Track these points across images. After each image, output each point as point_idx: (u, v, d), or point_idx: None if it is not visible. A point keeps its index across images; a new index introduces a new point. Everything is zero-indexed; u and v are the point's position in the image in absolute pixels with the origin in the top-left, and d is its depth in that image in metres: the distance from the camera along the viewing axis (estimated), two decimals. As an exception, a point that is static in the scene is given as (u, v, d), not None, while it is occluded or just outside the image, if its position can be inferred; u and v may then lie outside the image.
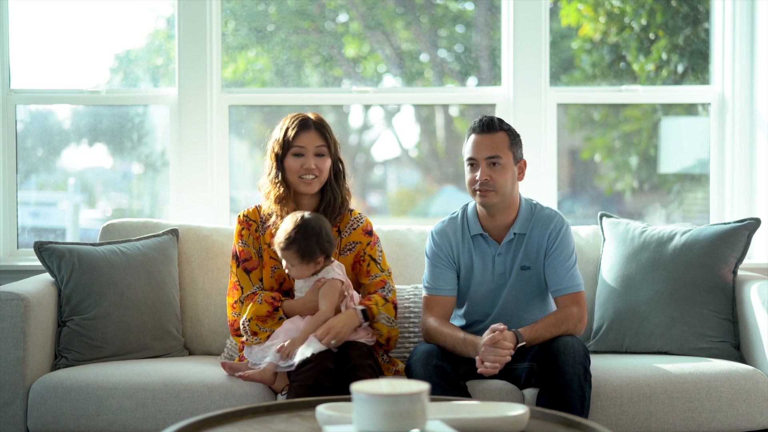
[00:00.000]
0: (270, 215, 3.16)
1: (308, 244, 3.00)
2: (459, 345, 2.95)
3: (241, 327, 3.08)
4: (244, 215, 3.22)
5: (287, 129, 3.15)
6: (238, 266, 3.16)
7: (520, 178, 3.10)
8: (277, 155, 3.15)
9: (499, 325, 2.87)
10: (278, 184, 3.14)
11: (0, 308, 3.02)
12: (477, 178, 3.02)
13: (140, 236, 3.53)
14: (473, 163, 3.05)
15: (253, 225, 3.18)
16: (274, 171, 3.16)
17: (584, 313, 3.04)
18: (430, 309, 3.11)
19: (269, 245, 3.14)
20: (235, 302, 3.13)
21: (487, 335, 2.87)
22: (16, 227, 4.18)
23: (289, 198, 3.14)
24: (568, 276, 3.06)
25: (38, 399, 2.99)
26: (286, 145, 3.13)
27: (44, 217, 4.48)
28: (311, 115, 3.19)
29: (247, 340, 3.06)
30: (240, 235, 3.18)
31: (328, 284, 3.03)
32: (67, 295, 3.26)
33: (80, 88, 4.18)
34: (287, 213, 3.11)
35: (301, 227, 3.00)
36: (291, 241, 3.00)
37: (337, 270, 3.07)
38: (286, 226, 3.03)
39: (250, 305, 3.07)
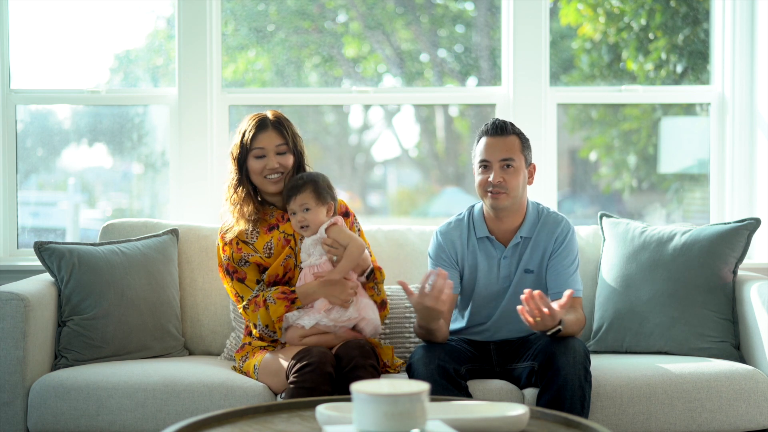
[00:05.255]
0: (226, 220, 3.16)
1: (319, 182, 3.06)
2: (418, 316, 2.90)
3: (261, 333, 3.12)
4: (222, 233, 3.19)
5: (245, 132, 3.13)
6: (231, 279, 3.15)
7: (530, 182, 3.11)
8: (237, 159, 3.13)
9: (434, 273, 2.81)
10: (236, 187, 3.13)
11: (0, 308, 3.02)
12: (490, 179, 3.01)
13: (140, 236, 3.53)
14: (486, 164, 3.04)
15: (234, 240, 3.15)
16: (234, 175, 3.14)
17: (584, 318, 3.05)
18: (426, 307, 3.11)
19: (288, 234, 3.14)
20: (243, 308, 3.15)
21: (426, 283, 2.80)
22: (16, 227, 4.18)
23: (247, 201, 3.12)
24: (569, 280, 3.06)
25: (38, 399, 2.99)
26: (245, 148, 3.12)
27: (44, 217, 4.48)
28: (270, 114, 3.17)
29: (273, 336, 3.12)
30: (223, 250, 3.17)
31: (333, 231, 3.05)
32: (67, 295, 3.26)
33: (80, 88, 4.18)
34: (244, 216, 3.10)
35: (305, 173, 3.09)
36: (304, 181, 3.05)
37: (332, 219, 3.10)
38: (289, 181, 3.09)
39: (260, 311, 3.07)
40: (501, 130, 3.03)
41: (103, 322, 3.25)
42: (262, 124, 3.13)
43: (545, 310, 2.73)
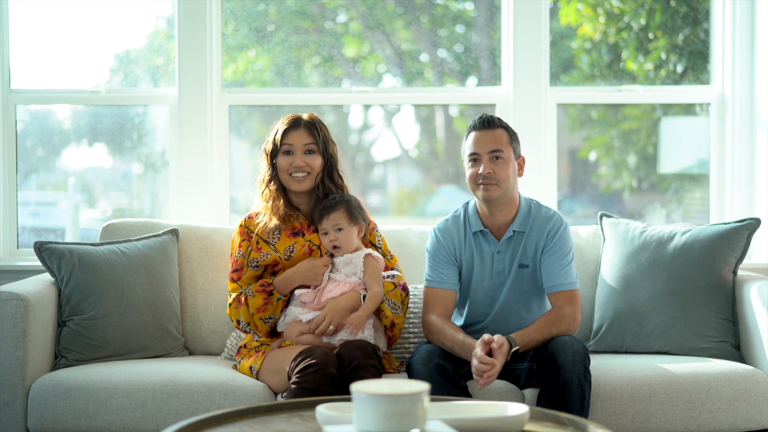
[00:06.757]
0: (258, 213, 3.20)
1: (352, 203, 3.11)
2: (457, 347, 2.95)
3: (244, 330, 3.17)
4: (244, 225, 3.21)
5: (278, 129, 3.20)
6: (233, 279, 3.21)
7: (520, 174, 3.15)
8: (269, 154, 3.20)
9: (486, 338, 2.87)
10: (269, 182, 3.18)
11: (0, 308, 3.02)
12: (480, 172, 3.05)
13: (140, 236, 3.53)
14: (476, 158, 3.07)
15: (254, 237, 3.18)
16: (266, 170, 3.20)
17: (576, 311, 3.04)
18: (431, 305, 3.12)
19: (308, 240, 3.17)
20: (229, 305, 3.19)
21: (478, 347, 2.86)
22: (16, 227, 4.18)
23: (279, 197, 3.17)
24: (562, 273, 3.07)
25: (38, 399, 2.99)
26: (276, 144, 3.18)
27: (44, 217, 4.48)
28: (305, 115, 3.22)
29: (258, 331, 3.15)
30: (240, 246, 3.19)
31: (369, 263, 3.08)
32: (67, 295, 3.26)
33: (80, 88, 4.18)
34: (277, 212, 3.14)
35: (337, 195, 3.14)
36: (337, 201, 3.10)
37: (373, 252, 3.14)
38: (321, 202, 3.14)
39: (242, 308, 3.11)
40: (488, 123, 3.09)
41: (103, 322, 3.25)
42: (294, 122, 3.19)
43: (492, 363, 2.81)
